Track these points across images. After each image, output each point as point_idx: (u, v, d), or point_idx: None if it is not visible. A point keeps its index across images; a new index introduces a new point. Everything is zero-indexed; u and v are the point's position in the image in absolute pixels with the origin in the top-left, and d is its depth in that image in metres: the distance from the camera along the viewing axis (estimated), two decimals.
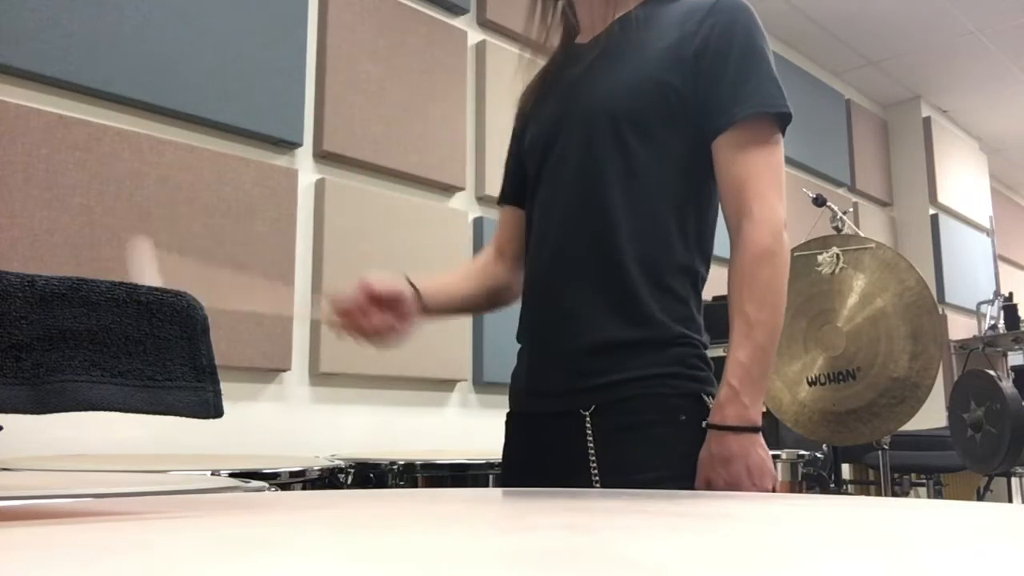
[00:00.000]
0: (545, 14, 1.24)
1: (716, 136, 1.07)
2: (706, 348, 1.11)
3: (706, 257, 1.14)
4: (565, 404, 1.07)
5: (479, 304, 1.28)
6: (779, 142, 1.07)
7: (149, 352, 0.58)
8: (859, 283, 1.80)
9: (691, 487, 1.01)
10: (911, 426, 1.93)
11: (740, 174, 1.05)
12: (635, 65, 1.10)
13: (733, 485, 0.98)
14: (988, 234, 5.46)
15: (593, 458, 1.03)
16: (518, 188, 1.26)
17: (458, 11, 3.02)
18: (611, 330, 1.06)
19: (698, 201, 1.11)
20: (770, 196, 1.03)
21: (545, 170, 1.16)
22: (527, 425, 1.16)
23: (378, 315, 1.09)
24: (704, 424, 1.02)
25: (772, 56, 1.09)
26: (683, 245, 1.09)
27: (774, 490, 1.01)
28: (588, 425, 1.04)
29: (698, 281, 1.12)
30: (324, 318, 1.10)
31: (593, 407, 1.04)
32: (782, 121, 1.07)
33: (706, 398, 1.06)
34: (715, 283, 1.21)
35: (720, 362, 1.03)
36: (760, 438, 1.00)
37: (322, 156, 2.55)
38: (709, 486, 0.99)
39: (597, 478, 1.03)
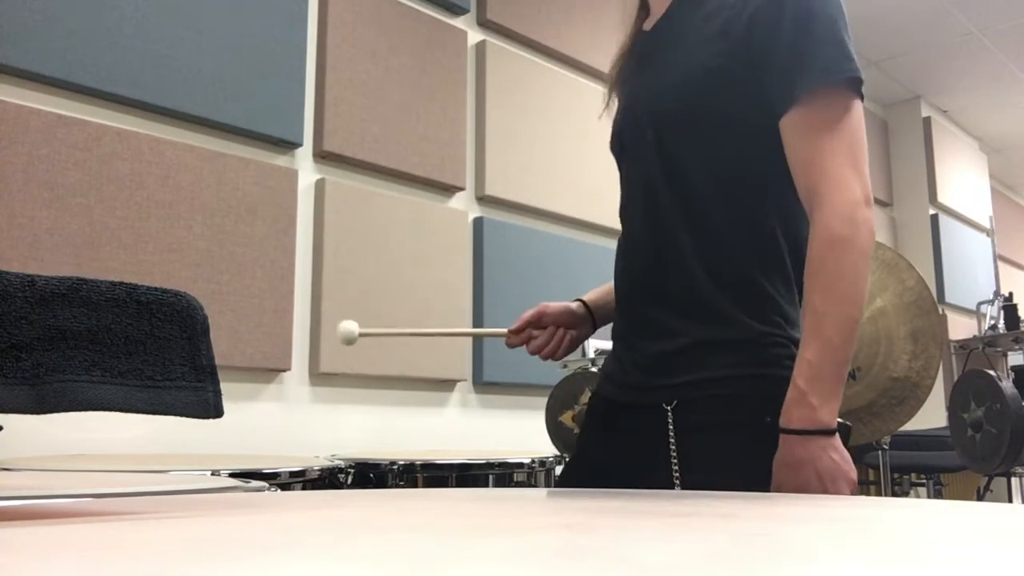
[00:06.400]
0: None
1: (780, 118, 0.98)
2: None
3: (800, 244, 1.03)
4: (644, 399, 1.05)
5: None
6: (852, 110, 0.95)
7: (149, 352, 0.58)
8: None
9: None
10: (911, 426, 1.92)
11: (807, 157, 0.96)
12: (682, 59, 1.04)
13: (803, 491, 0.91)
14: (988, 234, 5.46)
15: (674, 454, 1.00)
16: None
17: (458, 11, 3.02)
18: (685, 334, 1.03)
19: (780, 187, 1.01)
20: (843, 175, 0.93)
21: (621, 170, 1.16)
22: (608, 412, 1.14)
23: (543, 335, 1.24)
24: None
25: (838, 11, 0.97)
26: (762, 237, 1.02)
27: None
28: (670, 421, 1.01)
29: (787, 271, 1.04)
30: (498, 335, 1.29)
31: (676, 402, 1.01)
32: (852, 85, 0.96)
33: None
34: None
35: None
36: (835, 440, 0.93)
37: (322, 156, 2.55)
38: (780, 491, 0.93)
39: (677, 476, 0.99)
